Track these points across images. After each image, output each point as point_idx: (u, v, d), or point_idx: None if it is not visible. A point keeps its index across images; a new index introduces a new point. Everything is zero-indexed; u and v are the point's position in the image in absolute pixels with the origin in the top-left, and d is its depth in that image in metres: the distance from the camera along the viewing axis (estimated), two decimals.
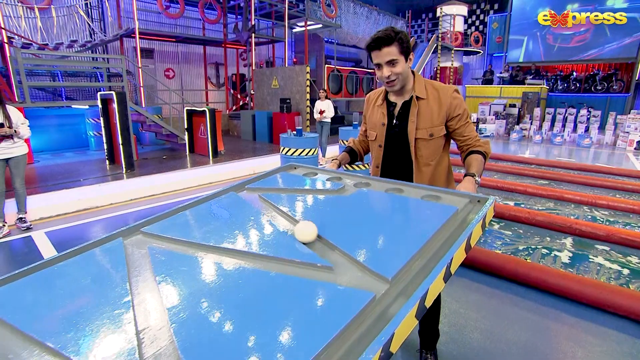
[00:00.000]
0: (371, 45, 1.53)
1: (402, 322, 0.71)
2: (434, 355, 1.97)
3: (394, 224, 1.22)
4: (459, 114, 1.62)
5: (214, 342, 0.74)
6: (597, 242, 3.54)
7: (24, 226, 4.18)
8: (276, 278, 0.94)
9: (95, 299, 0.94)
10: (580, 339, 2.25)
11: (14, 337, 0.83)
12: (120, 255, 1.14)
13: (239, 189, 1.64)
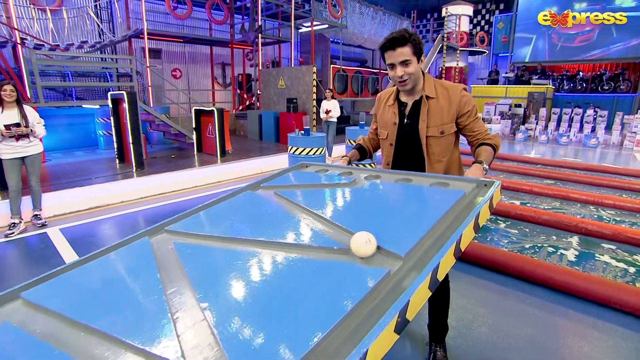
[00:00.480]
0: (386, 46, 1.59)
1: (416, 291, 0.77)
2: (443, 348, 2.03)
3: (405, 209, 1.29)
4: (469, 111, 1.68)
5: (244, 315, 0.81)
6: (604, 241, 3.57)
7: (39, 223, 4.29)
8: (298, 261, 1.01)
9: (130, 289, 1.02)
10: (587, 334, 2.30)
11: (63, 324, 0.91)
12: (147, 251, 1.21)
13: (254, 188, 1.71)
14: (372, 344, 0.65)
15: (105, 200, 5.15)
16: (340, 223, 1.16)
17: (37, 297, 1.05)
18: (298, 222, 1.24)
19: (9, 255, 3.62)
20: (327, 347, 0.70)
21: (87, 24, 8.76)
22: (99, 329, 0.85)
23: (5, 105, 3.82)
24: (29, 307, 1.03)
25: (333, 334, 0.72)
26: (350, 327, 0.74)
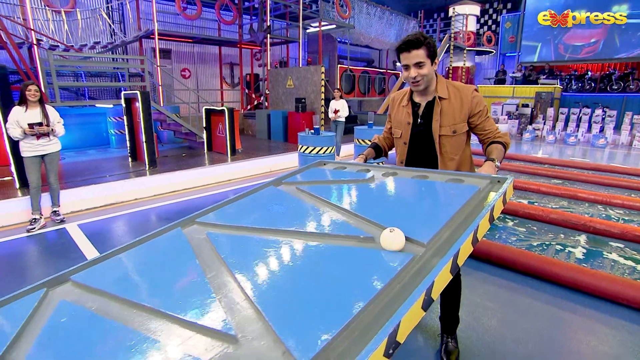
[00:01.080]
0: (401, 48, 1.67)
1: (439, 273, 0.86)
2: (454, 340, 2.11)
3: (424, 202, 1.37)
4: (480, 111, 1.76)
5: (284, 293, 0.90)
6: (612, 239, 3.62)
7: (58, 219, 4.42)
8: (328, 248, 1.09)
9: (172, 273, 1.11)
10: (594, 329, 2.36)
11: (114, 302, 1.00)
12: (183, 240, 1.31)
13: (277, 184, 1.79)
14: (404, 317, 0.73)
15: (119, 197, 5.28)
16: (364, 215, 1.24)
17: (86, 280, 1.14)
18: (323, 214, 1.32)
19: (32, 249, 3.76)
20: (364, 318, 0.78)
21: (100, 24, 8.92)
22: (150, 306, 0.94)
23: (29, 105, 3.95)
24: (79, 288, 1.13)
25: (368, 308, 0.80)
26: (383, 302, 0.82)
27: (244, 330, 0.81)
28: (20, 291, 1.10)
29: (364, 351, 0.66)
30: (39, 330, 0.93)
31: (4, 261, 3.47)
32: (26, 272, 3.26)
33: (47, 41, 7.81)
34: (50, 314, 0.99)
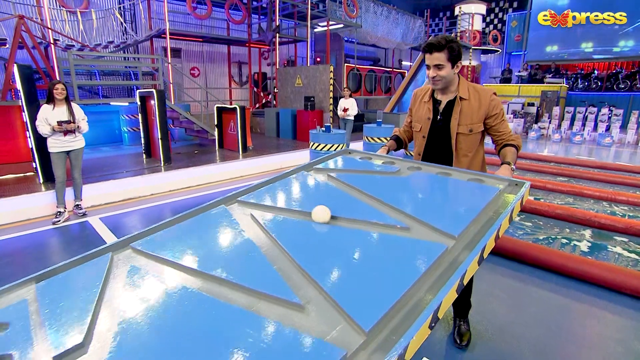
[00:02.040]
0: (424, 49, 1.83)
1: (470, 264, 1.01)
2: (466, 323, 2.26)
3: (450, 198, 1.52)
4: (496, 113, 1.90)
5: (337, 269, 1.05)
6: (616, 234, 3.74)
7: (81, 212, 4.61)
8: (367, 234, 1.24)
9: (225, 245, 1.27)
10: (598, 315, 2.50)
11: (176, 270, 1.16)
12: (229, 216, 1.46)
13: (308, 169, 1.93)
14: (444, 297, 0.89)
15: (137, 192, 5.46)
16: (397, 206, 1.39)
17: (145, 247, 1.30)
18: (358, 202, 1.47)
19: (60, 240, 3.95)
20: (411, 296, 0.93)
21: (114, 24, 9.12)
22: (215, 275, 1.09)
23: (56, 103, 4.14)
24: (138, 254, 1.29)
25: (414, 288, 0.95)
26: (425, 285, 0.97)
27: (307, 299, 0.96)
28: (89, 253, 1.26)
29: (415, 323, 0.81)
30: (117, 290, 1.09)
31: (37, 251, 3.66)
32: (58, 260, 3.44)
33: (63, 41, 8.01)
34: (124, 276, 1.15)
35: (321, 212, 1.33)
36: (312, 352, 0.78)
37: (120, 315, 0.98)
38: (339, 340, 0.82)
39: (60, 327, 0.95)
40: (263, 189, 1.72)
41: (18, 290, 1.17)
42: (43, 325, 0.98)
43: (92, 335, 0.93)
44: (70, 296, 1.09)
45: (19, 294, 1.15)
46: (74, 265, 1.25)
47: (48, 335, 0.93)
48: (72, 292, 1.11)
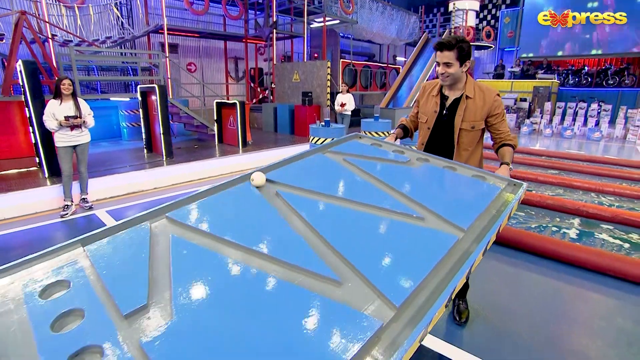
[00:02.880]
0: (436, 47, 1.98)
1: (478, 255, 1.17)
2: (464, 302, 2.43)
3: (458, 193, 1.68)
4: (497, 113, 2.06)
5: (359, 248, 1.21)
6: (603, 222, 3.96)
7: (87, 206, 4.71)
8: (384, 220, 1.39)
9: (256, 219, 1.41)
10: (587, 296, 2.70)
11: (213, 240, 1.30)
12: (254, 193, 1.59)
13: (323, 151, 2.06)
14: (459, 282, 1.05)
15: (140, 186, 5.56)
16: (410, 195, 1.54)
17: (179, 217, 1.43)
18: (374, 189, 1.61)
19: (69, 233, 4.05)
20: (433, 277, 1.09)
21: (111, 19, 9.12)
22: (252, 248, 1.24)
23: (63, 98, 4.22)
24: (175, 224, 1.42)
25: (434, 270, 1.11)
26: (443, 271, 1.13)
27: (343, 276, 1.10)
28: (128, 220, 1.39)
29: (437, 302, 0.97)
30: (164, 256, 1.22)
31: (49, 242, 3.76)
32: None
33: (60, 36, 8.01)
34: (168, 244, 1.28)
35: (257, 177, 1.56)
36: (354, 321, 0.93)
37: (172, 283, 1.11)
38: (374, 312, 0.98)
39: (122, 287, 1.08)
40: (286, 166, 1.84)
41: (66, 253, 1.29)
42: (104, 285, 1.11)
43: (152, 297, 1.07)
44: (122, 259, 1.22)
45: (69, 256, 1.27)
46: (115, 232, 1.38)
47: (111, 294, 1.07)
48: (123, 256, 1.23)
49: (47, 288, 1.10)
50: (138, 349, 0.90)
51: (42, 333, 0.95)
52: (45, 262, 1.24)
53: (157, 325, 0.97)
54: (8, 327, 0.98)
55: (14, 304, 1.06)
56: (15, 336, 0.95)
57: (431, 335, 2.23)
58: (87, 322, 0.99)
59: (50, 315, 1.00)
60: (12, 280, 1.15)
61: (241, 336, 0.92)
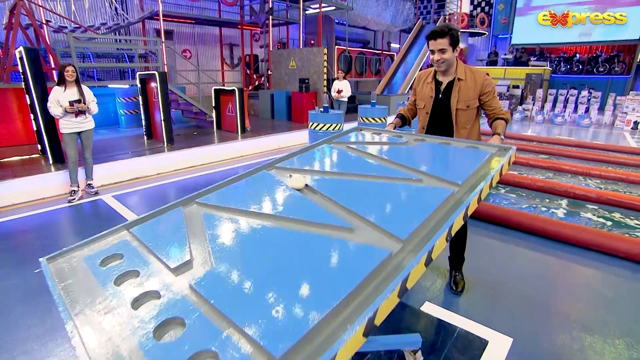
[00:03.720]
0: (429, 36, 2.13)
1: (471, 202, 1.34)
2: (460, 274, 2.64)
3: (452, 160, 1.86)
4: (489, 91, 2.23)
5: (360, 202, 1.38)
6: (588, 202, 4.20)
7: (92, 191, 4.81)
8: (389, 185, 1.57)
9: (278, 196, 1.58)
10: (571, 267, 2.93)
11: (243, 216, 1.47)
12: (272, 178, 1.77)
13: (329, 142, 2.24)
14: (456, 220, 1.22)
15: (143, 172, 5.67)
16: (411, 165, 1.72)
17: (209, 201, 1.60)
18: (376, 165, 1.80)
19: (78, 217, 4.17)
20: (431, 219, 1.27)
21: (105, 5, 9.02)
22: (275, 214, 1.41)
23: (67, 85, 4.28)
24: (204, 206, 1.58)
25: (433, 214, 1.29)
26: (439, 214, 1.31)
27: (355, 225, 1.29)
28: (163, 207, 1.56)
29: (437, 234, 1.13)
30: (200, 229, 1.40)
31: (60, 226, 3.89)
32: (85, 232, 3.68)
33: (55, 22, 7.94)
34: (201, 220, 1.46)
35: (297, 179, 1.62)
36: (368, 252, 1.12)
37: (209, 244, 1.28)
38: (384, 245, 1.16)
39: (166, 253, 1.25)
40: (295, 157, 2.03)
41: (114, 235, 1.46)
42: (151, 253, 1.28)
43: (194, 257, 1.24)
44: (164, 235, 1.39)
45: (117, 237, 1.45)
46: (154, 216, 1.55)
47: (159, 258, 1.24)
48: (164, 232, 1.41)
49: (105, 260, 1.28)
50: (188, 288, 1.08)
51: (108, 287, 1.12)
52: (97, 243, 1.41)
53: (201, 272, 1.15)
54: (81, 285, 1.15)
55: (81, 271, 1.23)
56: (88, 291, 1.12)
57: (431, 303, 2.44)
58: (143, 277, 1.16)
59: (111, 276, 1.17)
60: (74, 257, 1.33)
61: (272, 271, 1.10)
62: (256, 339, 0.83)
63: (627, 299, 2.51)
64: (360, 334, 0.80)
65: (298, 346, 0.81)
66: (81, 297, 1.10)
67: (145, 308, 1.02)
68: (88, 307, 1.05)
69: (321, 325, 0.86)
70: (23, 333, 2.20)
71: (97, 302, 1.07)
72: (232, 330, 0.90)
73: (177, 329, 0.94)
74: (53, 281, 1.18)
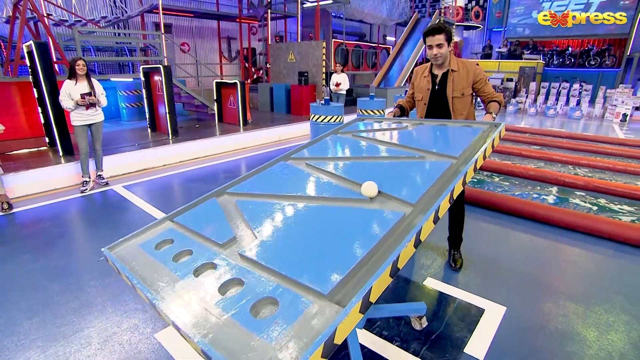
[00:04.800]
0: (427, 33, 2.36)
1: (468, 170, 1.56)
2: (459, 253, 2.88)
3: (449, 137, 2.09)
4: (480, 79, 2.47)
5: (374, 178, 1.60)
6: (577, 189, 4.46)
7: (103, 182, 4.98)
8: (395, 163, 1.79)
9: (296, 181, 1.79)
10: (559, 247, 3.18)
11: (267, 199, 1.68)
12: (290, 167, 1.98)
13: (336, 132, 2.45)
14: (455, 186, 1.44)
15: (150, 163, 5.83)
16: (412, 145, 1.94)
17: (237, 189, 1.81)
18: (388, 148, 2.01)
19: (94, 206, 4.34)
20: (436, 185, 1.49)
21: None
22: (300, 195, 1.62)
23: (78, 78, 4.42)
24: (235, 195, 1.79)
25: (437, 181, 1.51)
26: (441, 181, 1.53)
27: (372, 197, 1.51)
28: (198, 199, 1.76)
29: (442, 196, 1.36)
30: (236, 213, 1.60)
31: (75, 215, 4.06)
32: (101, 221, 3.86)
33: (56, 15, 7.98)
34: (235, 205, 1.67)
35: (369, 187, 1.56)
36: (386, 216, 1.34)
37: (248, 222, 1.49)
38: (398, 209, 1.38)
39: (212, 233, 1.45)
40: (307, 148, 2.23)
41: (160, 225, 1.66)
42: (199, 235, 1.48)
43: (237, 234, 1.45)
44: (205, 220, 1.59)
45: (162, 227, 1.65)
46: (191, 207, 1.74)
47: (207, 237, 1.44)
48: (204, 219, 1.61)
49: (158, 244, 1.48)
50: (239, 257, 1.29)
51: (168, 264, 1.32)
52: (145, 233, 1.61)
53: (247, 244, 1.36)
54: (145, 265, 1.35)
55: (140, 255, 1.43)
56: (153, 268, 1.32)
57: (432, 278, 2.68)
58: (196, 254, 1.36)
59: (169, 256, 1.37)
60: (128, 245, 1.53)
61: (307, 236, 1.33)
62: (306, 283, 1.05)
63: (609, 274, 2.77)
64: (387, 274, 1.02)
65: (340, 285, 1.03)
66: (148, 274, 1.29)
67: (206, 276, 1.22)
68: (157, 280, 1.24)
69: (355, 269, 1.08)
70: (62, 307, 2.40)
71: (164, 276, 1.26)
72: (284, 281, 1.11)
73: (237, 287, 1.14)
74: (120, 263, 1.37)
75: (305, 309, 0.99)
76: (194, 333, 0.95)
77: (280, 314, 0.99)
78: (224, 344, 0.92)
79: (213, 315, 1.02)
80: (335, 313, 0.96)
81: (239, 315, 1.00)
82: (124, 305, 2.42)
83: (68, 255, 3.07)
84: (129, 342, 2.11)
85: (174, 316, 1.03)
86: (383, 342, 2.05)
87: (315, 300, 1.02)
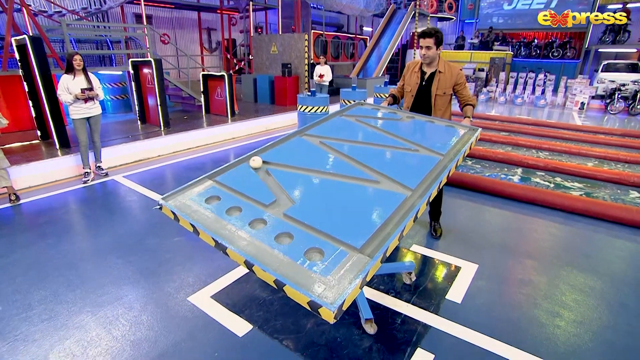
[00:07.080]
0: (420, 35, 2.79)
1: (453, 166, 2.02)
2: (439, 224, 3.38)
3: (436, 135, 2.54)
4: (461, 82, 2.92)
5: (378, 163, 2.03)
6: (538, 170, 5.09)
7: (103, 173, 5.18)
8: (394, 152, 2.23)
9: (314, 156, 2.18)
10: (521, 218, 3.75)
11: (290, 169, 2.07)
12: (306, 142, 2.38)
13: (341, 114, 2.85)
14: (444, 178, 1.89)
15: (145, 154, 6.04)
16: (407, 138, 2.38)
17: (265, 157, 2.19)
18: (383, 136, 2.43)
19: (94, 196, 4.57)
20: (429, 177, 1.94)
21: None
22: (320, 169, 2.02)
23: (75, 73, 4.58)
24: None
25: (429, 174, 1.96)
26: (434, 174, 1.98)
27: (378, 179, 1.93)
28: (229, 163, 2.12)
29: (435, 183, 1.80)
30: (267, 176, 1.99)
31: (81, 204, 4.29)
32: (111, 207, 4.11)
33: (35, 6, 7.88)
34: (264, 170, 2.04)
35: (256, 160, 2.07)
36: (392, 195, 1.77)
37: (285, 190, 1.88)
38: (401, 191, 1.82)
39: (255, 195, 1.83)
40: (319, 126, 2.62)
41: (203, 183, 2.00)
42: (243, 195, 1.85)
43: (277, 196, 1.84)
44: (244, 183, 1.95)
45: (205, 185, 1.99)
46: (226, 170, 2.09)
47: (252, 198, 1.81)
48: (243, 181, 1.97)
49: (207, 199, 1.83)
50: (282, 215, 1.69)
51: (224, 217, 1.70)
52: (190, 190, 1.93)
53: (288, 206, 1.75)
54: (202, 215, 1.72)
55: (194, 206, 1.79)
56: (208, 219, 1.69)
57: (417, 245, 3.17)
58: (246, 211, 1.74)
59: (221, 210, 1.74)
60: (178, 199, 1.85)
61: (336, 204, 1.74)
62: (343, 239, 1.47)
63: (560, 238, 3.35)
64: (397, 238, 1.47)
65: (369, 241, 1.46)
66: (209, 223, 1.66)
67: (260, 229, 1.60)
68: (220, 228, 1.61)
69: (379, 230, 1.52)
70: (98, 281, 2.72)
71: (224, 224, 1.64)
72: (325, 236, 1.52)
73: (289, 239, 1.53)
74: (179, 211, 1.72)
75: (344, 257, 1.41)
76: (266, 267, 1.35)
77: (326, 259, 1.40)
78: (291, 276, 1.32)
79: (276, 257, 1.42)
80: (366, 261, 1.38)
81: (296, 258, 1.41)
82: (155, 277, 2.77)
83: (90, 238, 3.35)
84: (165, 305, 2.47)
85: (246, 255, 1.42)
86: (381, 294, 2.51)
87: (350, 251, 1.43)
